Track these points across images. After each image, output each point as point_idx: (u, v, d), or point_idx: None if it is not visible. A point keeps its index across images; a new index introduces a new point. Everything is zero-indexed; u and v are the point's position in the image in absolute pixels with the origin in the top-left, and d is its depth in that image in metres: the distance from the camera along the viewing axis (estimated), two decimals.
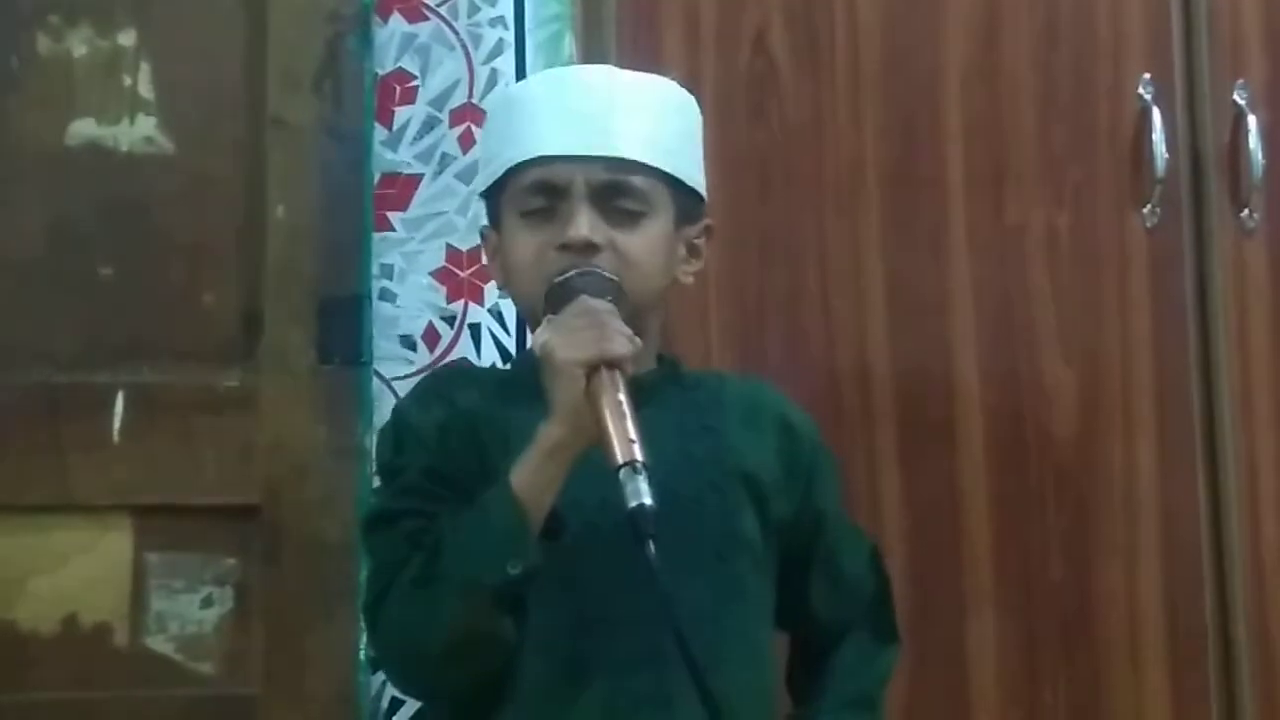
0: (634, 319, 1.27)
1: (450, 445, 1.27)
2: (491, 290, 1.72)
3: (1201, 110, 1.80)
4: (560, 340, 1.19)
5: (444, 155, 1.73)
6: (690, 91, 1.37)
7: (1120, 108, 1.78)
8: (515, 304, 1.36)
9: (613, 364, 1.17)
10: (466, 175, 1.73)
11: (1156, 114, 1.77)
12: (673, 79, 1.38)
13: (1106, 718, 1.71)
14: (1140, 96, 1.78)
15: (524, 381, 1.25)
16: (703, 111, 1.37)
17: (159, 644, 1.58)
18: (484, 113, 1.74)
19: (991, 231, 1.77)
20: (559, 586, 1.21)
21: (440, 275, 1.72)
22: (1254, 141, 1.78)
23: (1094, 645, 1.72)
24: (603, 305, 1.21)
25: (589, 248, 1.26)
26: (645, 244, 1.29)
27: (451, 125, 1.74)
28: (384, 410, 1.67)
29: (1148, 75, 1.78)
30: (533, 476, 1.19)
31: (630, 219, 1.29)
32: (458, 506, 1.22)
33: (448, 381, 1.39)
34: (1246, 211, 1.79)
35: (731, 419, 1.35)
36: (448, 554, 1.19)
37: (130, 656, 1.57)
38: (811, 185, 1.73)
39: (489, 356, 1.71)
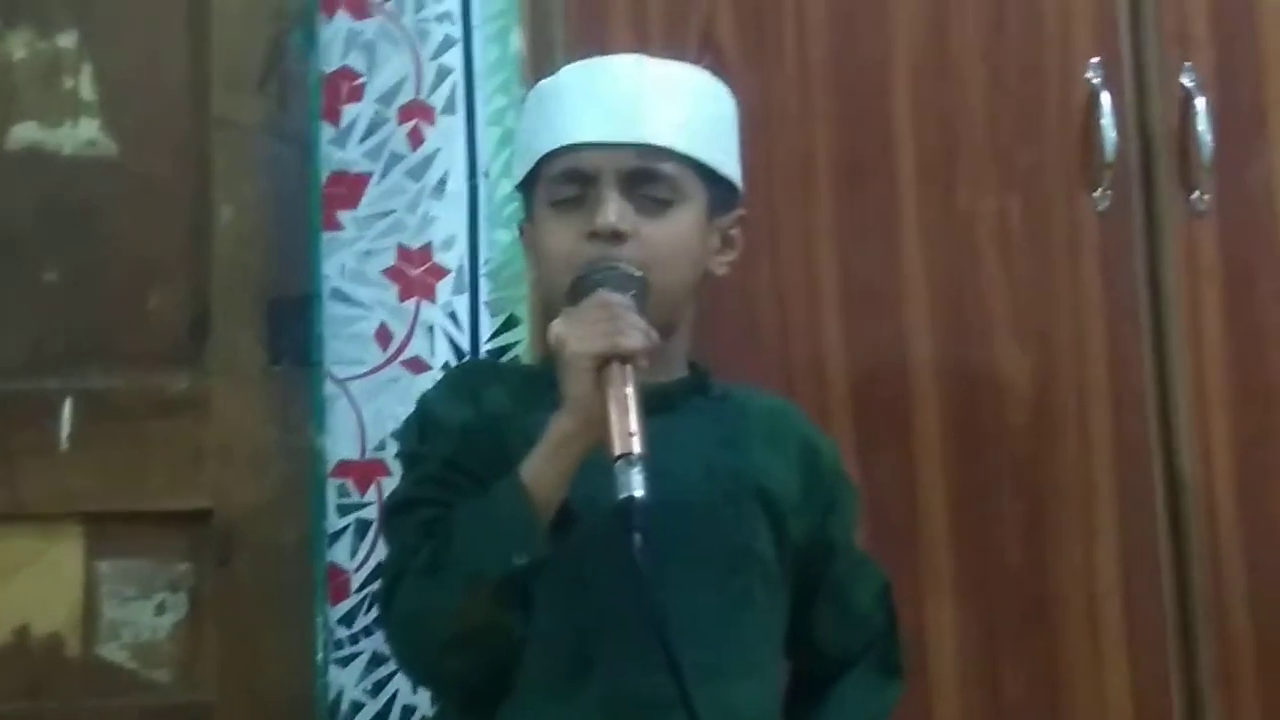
0: (663, 312, 1.27)
1: (474, 443, 1.26)
2: (444, 288, 1.71)
3: (1150, 94, 1.80)
4: (573, 332, 1.19)
5: (393, 153, 1.72)
6: (711, 78, 1.37)
7: (1069, 92, 1.78)
8: (548, 296, 1.34)
9: (625, 358, 1.16)
10: (416, 172, 1.72)
11: (1105, 98, 1.76)
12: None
13: (1067, 702, 1.71)
14: (1089, 81, 1.78)
15: (551, 381, 1.23)
16: None
17: (112, 653, 1.56)
18: (432, 108, 1.75)
19: (943, 219, 1.76)
20: (566, 583, 1.20)
21: (392, 274, 1.71)
22: (1203, 124, 1.78)
23: (1053, 630, 1.72)
24: (620, 299, 1.21)
25: (616, 236, 1.26)
26: (674, 233, 1.29)
27: (400, 122, 1.73)
28: (336, 411, 1.67)
29: (1096, 59, 1.78)
30: (542, 468, 1.18)
31: (659, 207, 1.29)
32: (473, 498, 1.22)
33: (475, 377, 1.38)
34: (1197, 194, 1.79)
35: (755, 435, 1.35)
36: (455, 543, 1.19)
37: (84, 666, 1.56)
38: (761, 177, 1.72)
39: (443, 355, 1.70)
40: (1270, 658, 1.73)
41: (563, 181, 1.30)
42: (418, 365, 1.68)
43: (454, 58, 1.73)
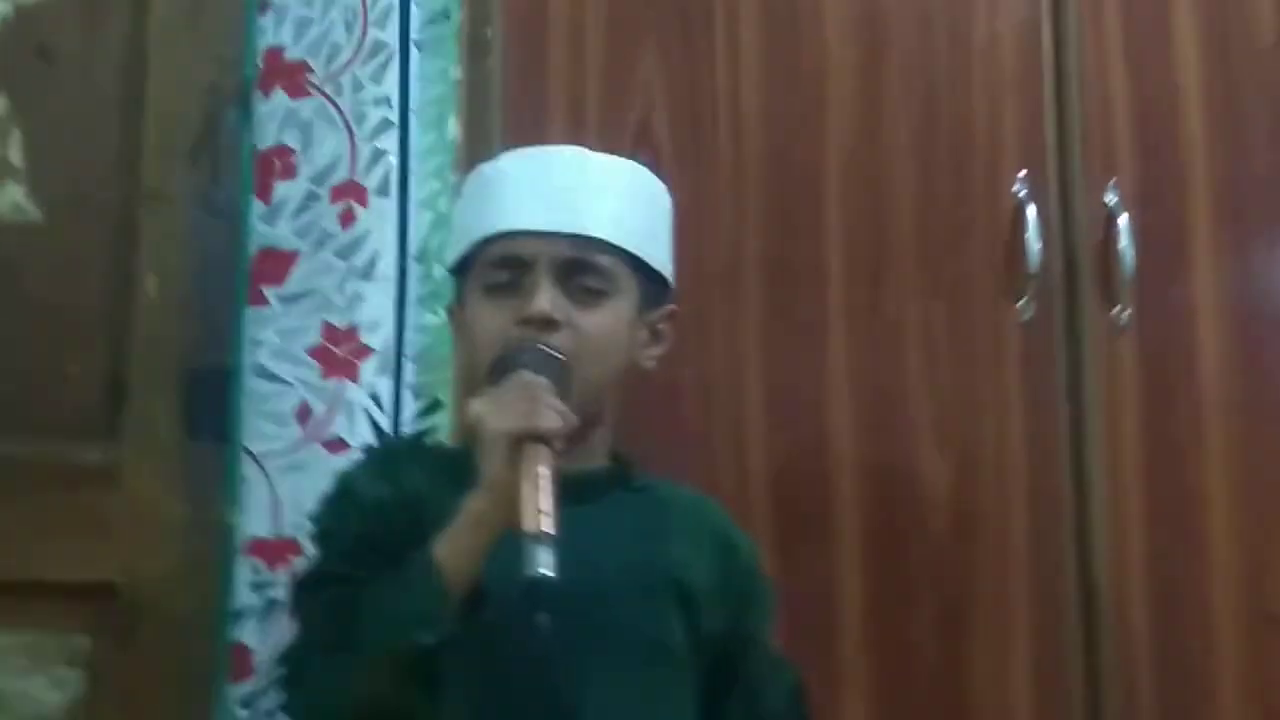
0: (588, 401, 1.28)
1: (390, 521, 1.25)
2: (368, 368, 1.70)
3: (1075, 208, 1.84)
4: (490, 411, 1.19)
5: (323, 231, 1.71)
6: (647, 174, 1.40)
7: (996, 204, 1.82)
8: (473, 379, 1.34)
9: (541, 438, 1.16)
10: (345, 252, 1.71)
11: (1031, 210, 1.80)
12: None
13: None
14: (1015, 194, 1.82)
15: (471, 462, 1.22)
16: None
17: None
18: (365, 189, 1.74)
19: (869, 323, 1.79)
20: (477, 664, 1.19)
21: (316, 352, 1.69)
22: (1125, 240, 1.82)
23: None
24: (539, 380, 1.21)
25: (548, 323, 1.27)
26: (605, 323, 1.30)
27: (332, 201, 1.72)
28: (251, 487, 1.64)
29: (1023, 173, 1.82)
30: (455, 546, 1.18)
31: (593, 297, 1.30)
32: (384, 575, 1.20)
33: (396, 456, 1.38)
34: (1119, 308, 1.82)
35: (674, 529, 1.35)
36: (362, 619, 1.17)
37: None
38: (691, 272, 1.72)
39: (363, 436, 1.68)
40: None
41: (497, 267, 1.31)
42: (337, 445, 1.66)
43: (389, 141, 1.74)
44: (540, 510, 1.12)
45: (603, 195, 1.32)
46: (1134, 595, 1.78)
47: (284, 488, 1.66)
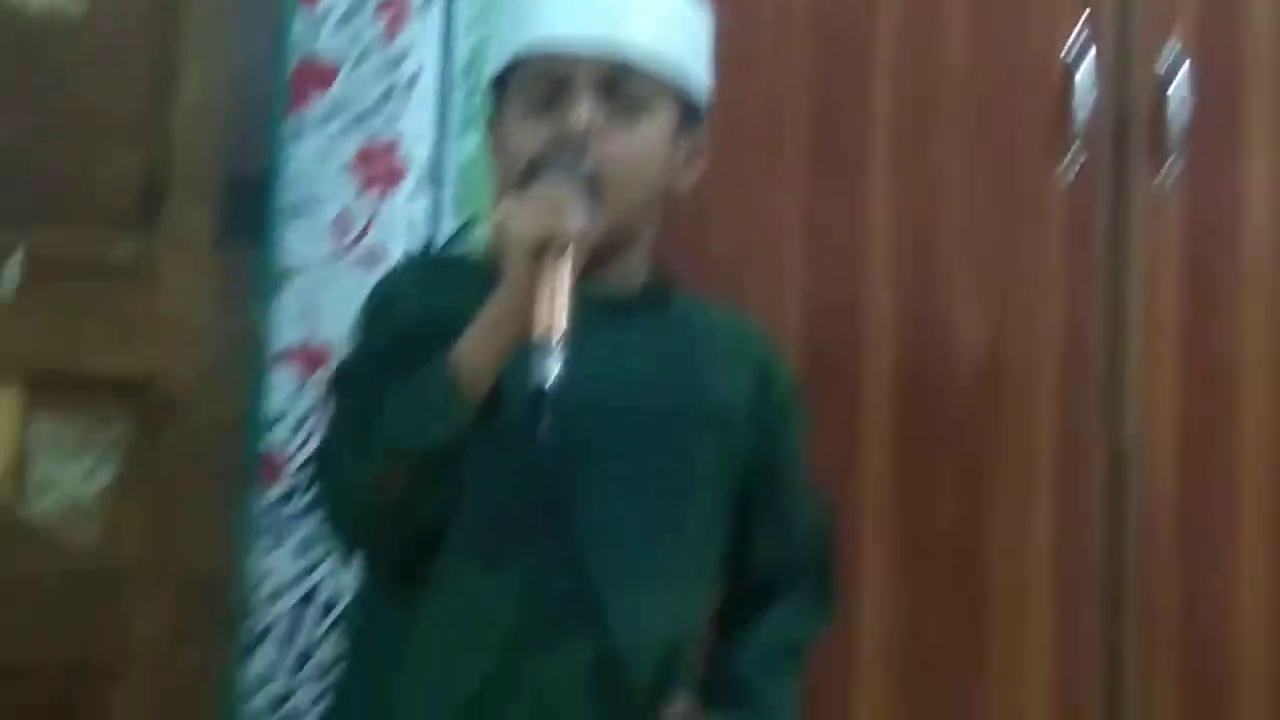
0: (623, 219, 1.28)
1: (426, 330, 1.24)
2: (406, 184, 1.70)
3: (1128, 66, 1.80)
4: (513, 216, 1.18)
5: (367, 44, 1.71)
6: None
7: (1049, 56, 1.78)
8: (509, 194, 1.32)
9: (563, 243, 1.16)
10: (388, 67, 1.70)
11: (1084, 65, 1.77)
12: None
13: (990, 656, 1.72)
14: (1070, 47, 1.78)
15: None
16: None
17: (40, 512, 1.55)
18: (410, 4, 1.74)
19: (913, 169, 1.77)
20: (492, 469, 1.20)
21: (355, 165, 1.70)
22: (1177, 102, 1.78)
23: (981, 588, 1.73)
24: (565, 185, 1.20)
25: (586, 138, 1.26)
26: (642, 141, 1.30)
27: (376, 13, 1.71)
28: (285, 296, 1.66)
29: (1079, 28, 1.78)
30: (474, 348, 1.18)
31: (632, 115, 1.29)
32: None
33: (436, 267, 1.38)
34: (1165, 171, 1.79)
35: (709, 351, 1.35)
36: (381, 416, 1.19)
37: (10, 524, 1.54)
38: (735, 108, 1.71)
39: (399, 250, 1.69)
40: (1194, 633, 1.74)
41: (536, 82, 1.29)
42: (373, 259, 1.67)
43: None
44: (553, 318, 1.12)
45: (644, 13, 1.31)
46: (1162, 458, 1.77)
47: (318, 298, 1.67)
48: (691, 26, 1.35)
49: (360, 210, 1.69)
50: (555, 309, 1.13)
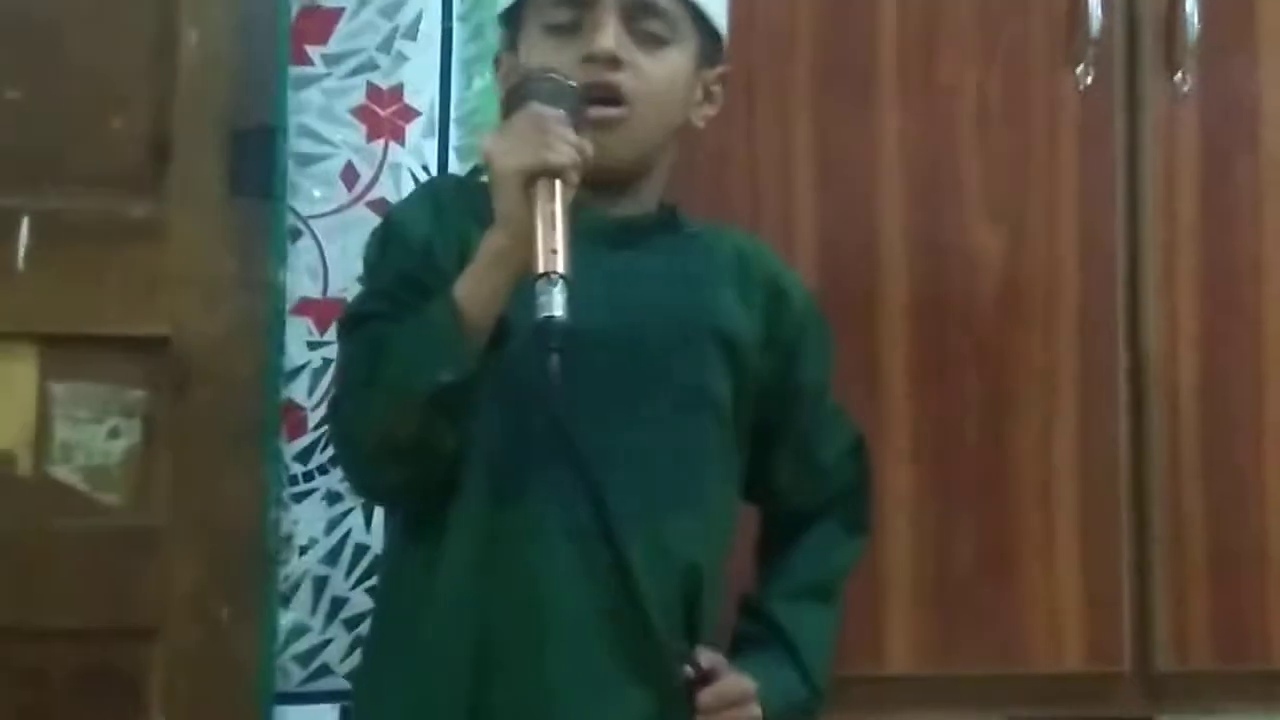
0: (642, 147, 1.28)
1: (434, 257, 1.25)
2: (414, 130, 1.69)
3: None
4: (501, 147, 1.17)
5: None
6: None
7: None
8: None
9: (554, 173, 1.15)
10: (390, 11, 1.69)
11: None
12: None
13: (1017, 575, 1.72)
14: None
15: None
16: None
17: (64, 474, 1.56)
18: None
19: (922, 91, 1.75)
20: (503, 403, 1.20)
21: (360, 113, 1.69)
22: (1191, 6, 1.76)
23: (1007, 504, 1.72)
24: (552, 113, 1.18)
25: (613, 61, 1.25)
26: (666, 70, 1.29)
27: None
28: (299, 248, 1.66)
29: None
30: (475, 285, 1.17)
31: (656, 43, 1.29)
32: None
33: (443, 194, 1.36)
34: (1180, 76, 1.77)
35: (720, 275, 1.34)
36: (389, 358, 1.19)
37: (35, 486, 1.55)
38: (740, 40, 1.69)
39: None
40: (1221, 536, 1.75)
41: (559, 5, 1.28)
42: (383, 207, 1.66)
43: None
44: (553, 250, 1.12)
45: None
46: (1183, 369, 1.77)
47: (331, 249, 1.67)
48: None
49: (368, 159, 1.68)
50: (554, 240, 1.12)
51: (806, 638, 1.34)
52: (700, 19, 1.32)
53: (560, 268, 1.11)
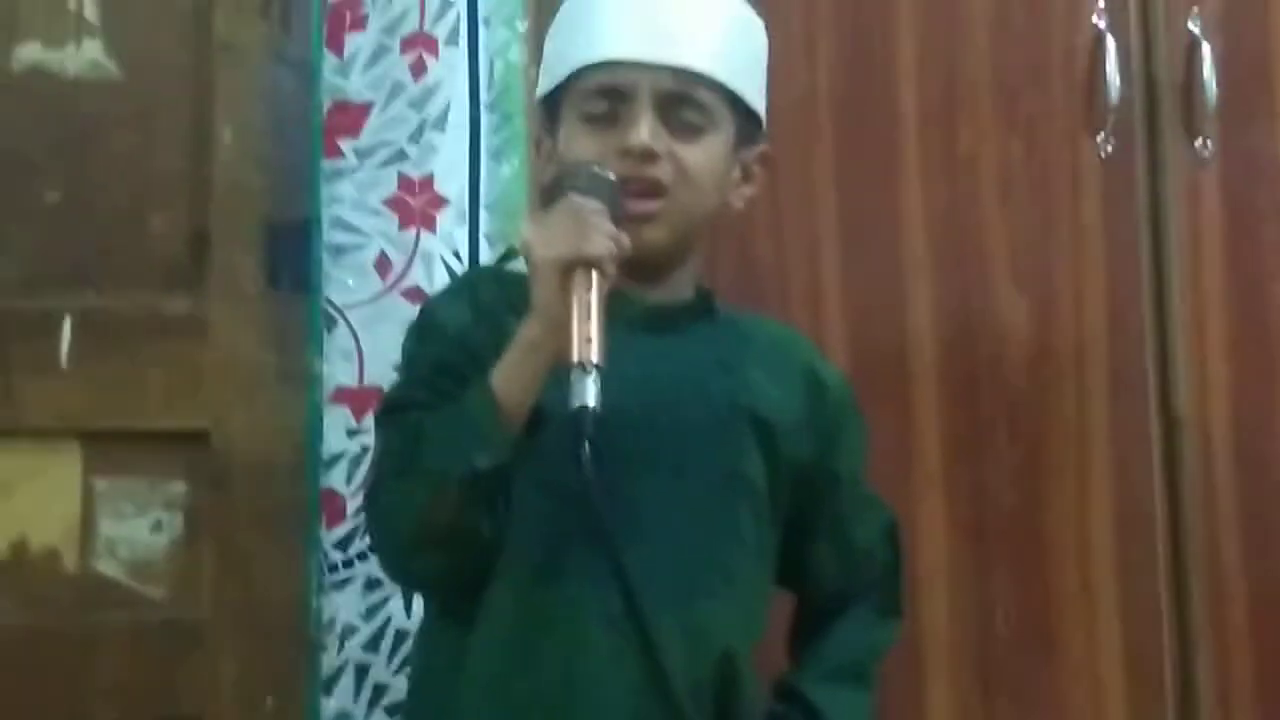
0: (681, 234, 1.29)
1: (470, 346, 1.26)
2: (444, 218, 1.72)
3: (1156, 39, 1.80)
4: (540, 238, 1.19)
5: (395, 83, 1.72)
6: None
7: (1074, 36, 1.78)
8: None
9: (590, 264, 1.17)
10: (419, 103, 1.72)
11: (1111, 42, 1.76)
12: None
13: (1059, 639, 1.72)
14: (1094, 25, 1.78)
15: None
16: None
17: (109, 568, 1.58)
18: (435, 40, 1.75)
19: (944, 161, 1.77)
20: (537, 489, 1.21)
21: (392, 203, 1.72)
22: (1208, 70, 1.78)
23: (1046, 569, 1.73)
24: (591, 205, 1.21)
25: (649, 155, 1.26)
26: (704, 158, 1.30)
27: (402, 53, 1.73)
28: (335, 338, 1.68)
29: (1102, 3, 1.78)
30: (510, 373, 1.19)
31: (692, 132, 1.29)
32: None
33: (481, 285, 1.37)
34: (1201, 141, 1.79)
35: (756, 361, 1.35)
36: (424, 445, 1.20)
37: (80, 581, 1.57)
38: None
39: (442, 285, 1.71)
40: (1262, 595, 1.74)
41: (597, 96, 1.29)
42: (417, 295, 1.68)
43: None
44: (587, 339, 1.13)
45: (704, 28, 1.31)
46: (1216, 429, 1.77)
47: (367, 338, 1.69)
48: (750, 43, 1.36)
49: (400, 248, 1.70)
50: (589, 329, 1.14)
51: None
52: (738, 103, 1.33)
53: (595, 357, 1.13)
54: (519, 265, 1.32)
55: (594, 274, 1.16)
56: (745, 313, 1.42)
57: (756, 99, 1.36)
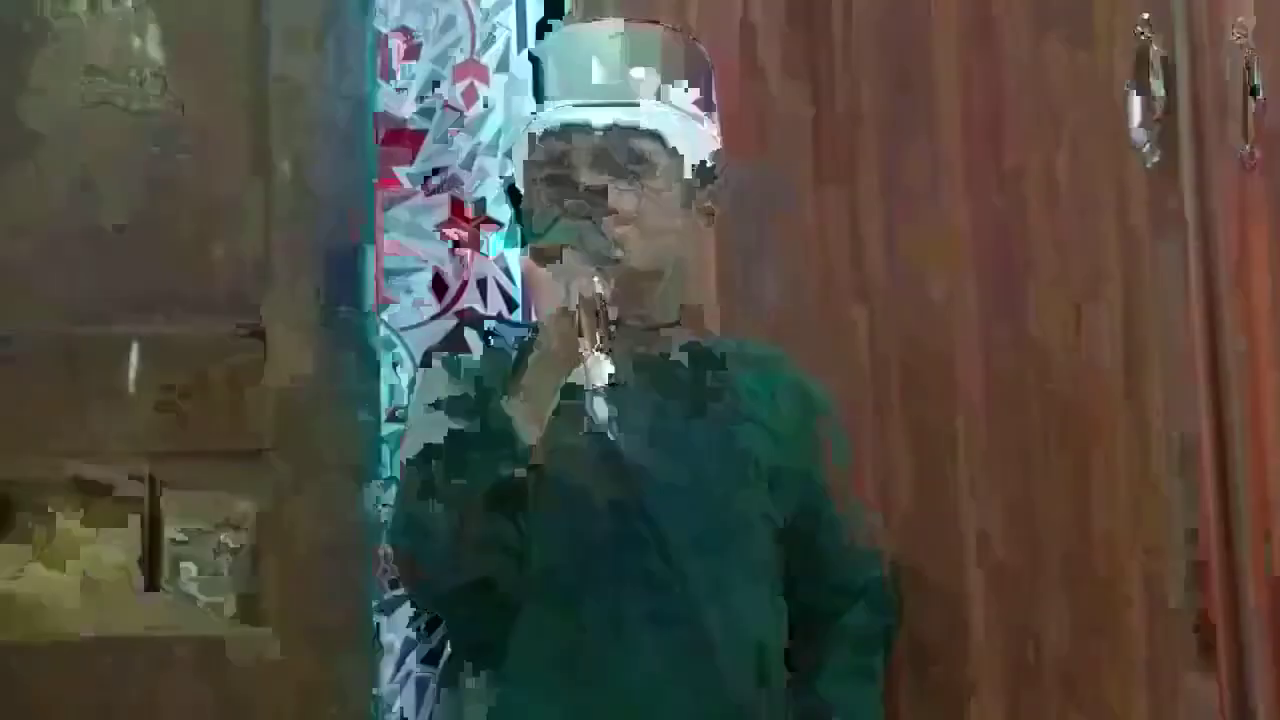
0: (646, 268, 1.35)
1: (484, 387, 1.32)
2: (497, 242, 1.77)
3: (1202, 48, 1.79)
4: (540, 274, 1.27)
5: (447, 111, 1.77)
6: (685, 45, 1.42)
7: (1118, 45, 1.78)
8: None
9: (588, 304, 1.23)
10: (471, 130, 1.77)
11: (1155, 51, 1.76)
12: (674, 30, 1.44)
13: (1105, 659, 1.71)
14: (1138, 35, 1.78)
15: None
16: None
17: (176, 586, 1.63)
18: (486, 68, 1.80)
19: (990, 175, 1.78)
20: (563, 503, 1.27)
21: (446, 228, 1.76)
22: (1255, 79, 1.77)
23: (1095, 591, 1.71)
24: (577, 257, 1.27)
25: (599, 199, 1.32)
26: (650, 198, 1.35)
27: (455, 81, 1.78)
28: (392, 358, 1.73)
29: (1145, 15, 1.78)
30: (524, 389, 1.25)
31: (639, 179, 1.35)
32: None
33: (474, 362, 1.43)
34: (1248, 150, 1.78)
35: (742, 384, 1.42)
36: (448, 464, 1.25)
37: (148, 597, 1.62)
38: (807, 134, 1.75)
39: (495, 306, 1.76)
40: None
41: (546, 154, 1.36)
42: (470, 315, 1.73)
43: (507, 17, 1.78)
44: (595, 363, 1.20)
45: (645, 81, 1.35)
46: (1270, 443, 1.75)
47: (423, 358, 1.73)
48: (694, 80, 1.40)
49: (454, 271, 1.75)
50: (595, 358, 1.21)
51: (858, 712, 1.42)
52: (690, 148, 1.38)
53: (602, 381, 1.20)
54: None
55: (595, 303, 1.23)
56: (722, 340, 1.49)
57: (707, 143, 1.42)
